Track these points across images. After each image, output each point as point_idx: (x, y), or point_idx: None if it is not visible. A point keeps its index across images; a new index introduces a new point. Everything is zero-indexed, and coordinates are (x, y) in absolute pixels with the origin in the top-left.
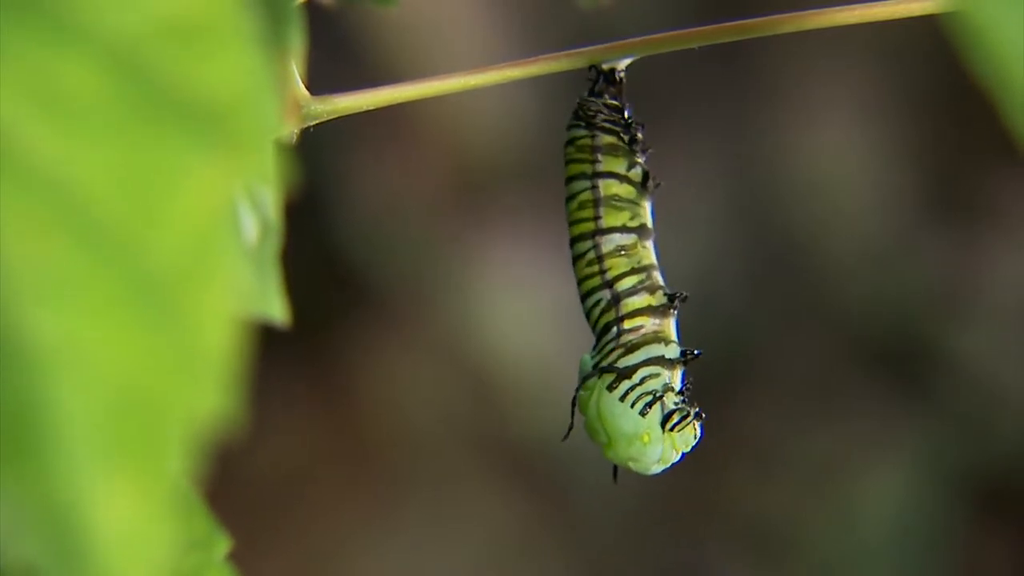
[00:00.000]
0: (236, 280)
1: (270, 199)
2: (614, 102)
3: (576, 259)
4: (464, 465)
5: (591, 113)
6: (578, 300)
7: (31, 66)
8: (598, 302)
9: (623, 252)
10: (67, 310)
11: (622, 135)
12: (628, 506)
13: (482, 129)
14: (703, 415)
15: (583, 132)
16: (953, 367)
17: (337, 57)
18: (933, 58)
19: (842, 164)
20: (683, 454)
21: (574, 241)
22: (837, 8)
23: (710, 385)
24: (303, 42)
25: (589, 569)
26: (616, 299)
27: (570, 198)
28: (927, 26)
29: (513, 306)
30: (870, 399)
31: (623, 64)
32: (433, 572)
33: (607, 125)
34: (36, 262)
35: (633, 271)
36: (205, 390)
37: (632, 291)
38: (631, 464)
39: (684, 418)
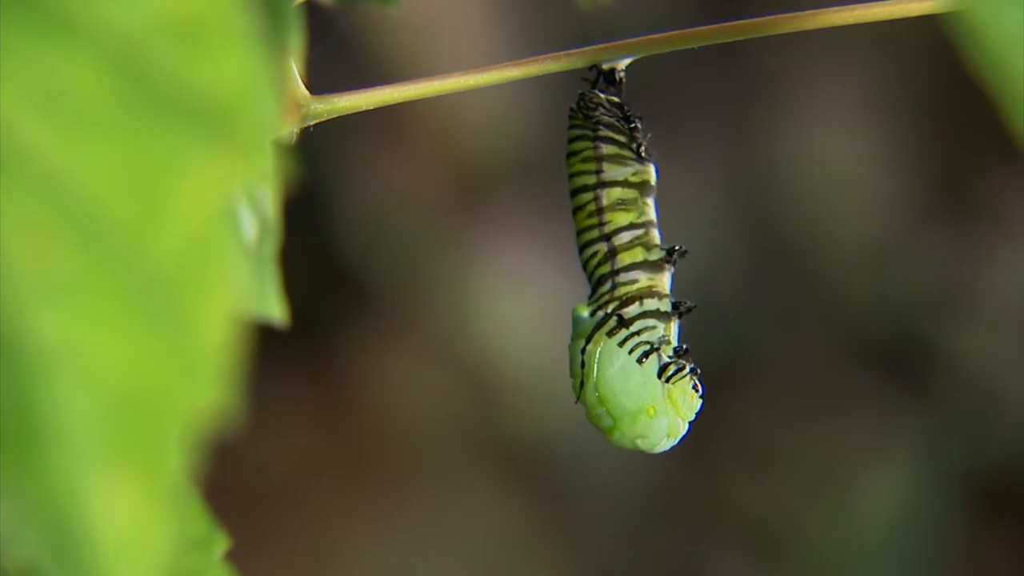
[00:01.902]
0: (235, 280)
1: (269, 199)
2: (615, 99)
3: (576, 210)
4: (464, 465)
5: (592, 106)
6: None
7: (31, 65)
8: (595, 254)
9: (623, 206)
10: (67, 310)
11: (621, 127)
12: (628, 506)
13: (482, 129)
14: (699, 371)
15: (583, 131)
16: (953, 367)
17: (337, 57)
18: (933, 58)
19: (842, 164)
20: (689, 425)
21: (575, 192)
22: (837, 8)
23: (710, 385)
24: (303, 42)
25: (589, 569)
26: (613, 252)
27: (572, 154)
28: (927, 26)
29: (513, 306)
30: (870, 399)
31: (623, 64)
32: (433, 572)
33: (606, 119)
34: (36, 262)
35: (632, 226)
36: (204, 390)
37: (629, 245)
38: (640, 443)
39: (680, 370)
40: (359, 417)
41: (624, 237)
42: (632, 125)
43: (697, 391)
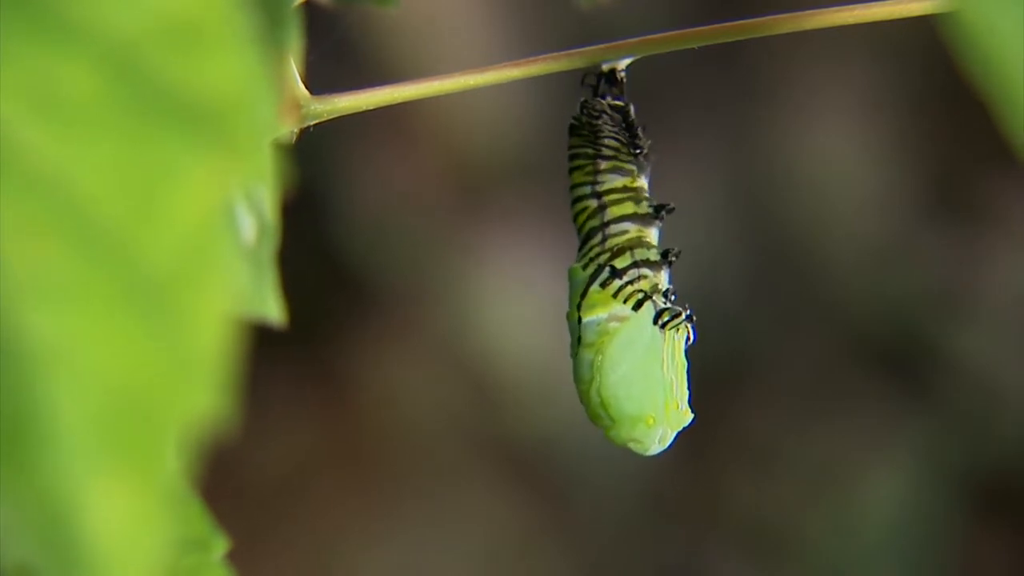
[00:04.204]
0: (232, 281)
1: (267, 199)
2: (618, 103)
3: (572, 170)
4: (464, 465)
5: (595, 114)
6: None
7: (28, 67)
8: (585, 208)
9: (619, 172)
10: (63, 311)
11: (623, 137)
12: (628, 506)
13: (482, 129)
14: (693, 318)
15: (584, 139)
16: (953, 367)
17: (337, 57)
18: (932, 58)
19: (842, 164)
20: (677, 434)
21: (573, 156)
22: (837, 8)
23: (710, 385)
24: (303, 42)
25: (589, 569)
26: (603, 207)
27: (572, 146)
28: (927, 26)
29: (513, 306)
30: (870, 399)
31: (623, 64)
32: (433, 572)
33: (609, 127)
34: (33, 263)
35: (625, 188)
36: (200, 390)
37: (618, 200)
38: (632, 445)
39: (675, 316)
40: (359, 417)
41: (615, 195)
42: (635, 136)
43: (690, 339)
